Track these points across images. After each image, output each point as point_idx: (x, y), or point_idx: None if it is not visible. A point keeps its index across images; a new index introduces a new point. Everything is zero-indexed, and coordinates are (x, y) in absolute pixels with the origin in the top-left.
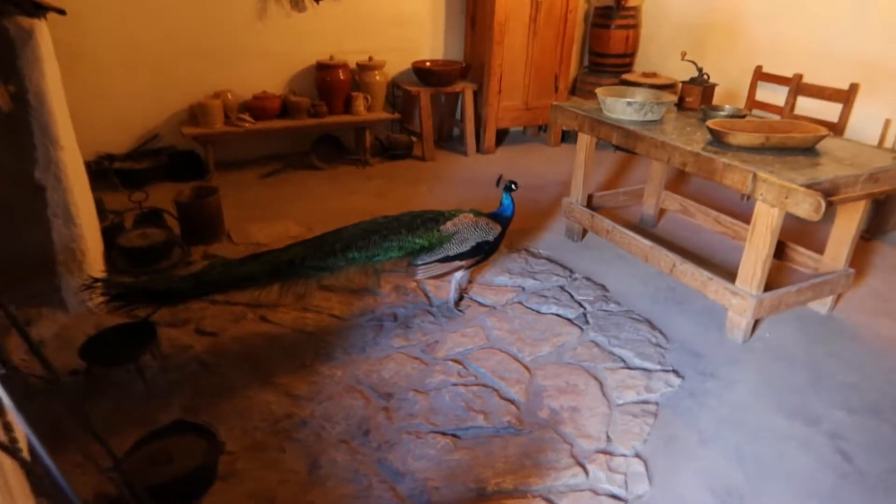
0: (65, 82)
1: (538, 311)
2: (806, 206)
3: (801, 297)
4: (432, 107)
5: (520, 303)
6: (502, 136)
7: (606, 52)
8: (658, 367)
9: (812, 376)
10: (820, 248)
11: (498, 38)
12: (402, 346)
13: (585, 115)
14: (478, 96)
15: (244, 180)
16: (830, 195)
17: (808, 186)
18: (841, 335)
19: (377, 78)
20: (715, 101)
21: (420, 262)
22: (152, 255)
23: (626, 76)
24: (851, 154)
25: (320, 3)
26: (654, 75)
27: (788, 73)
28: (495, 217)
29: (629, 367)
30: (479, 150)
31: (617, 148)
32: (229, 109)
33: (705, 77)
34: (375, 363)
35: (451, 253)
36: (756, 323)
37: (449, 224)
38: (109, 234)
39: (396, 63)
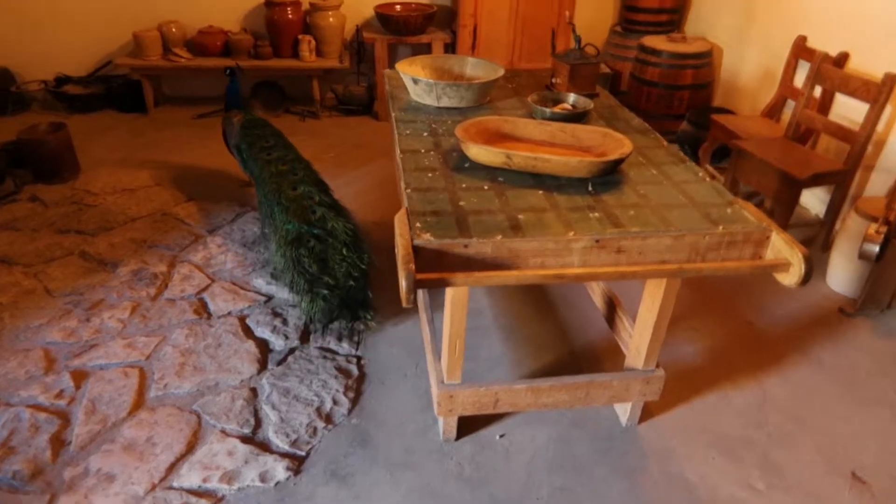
0: None
1: (250, 333)
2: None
3: (545, 398)
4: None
5: (244, 316)
6: None
7: (638, 6)
8: (285, 448)
9: None
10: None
11: None
12: (54, 342)
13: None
14: (449, 50)
15: (177, 118)
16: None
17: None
18: (616, 464)
19: (331, 20)
20: (751, 83)
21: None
22: None
23: (646, 40)
24: (646, 198)
25: None
26: (682, 39)
27: (835, 50)
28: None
29: (248, 439)
30: None
31: None
32: (171, 42)
33: (585, 50)
34: (8, 355)
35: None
36: (500, 415)
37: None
38: None
39: (370, 3)
